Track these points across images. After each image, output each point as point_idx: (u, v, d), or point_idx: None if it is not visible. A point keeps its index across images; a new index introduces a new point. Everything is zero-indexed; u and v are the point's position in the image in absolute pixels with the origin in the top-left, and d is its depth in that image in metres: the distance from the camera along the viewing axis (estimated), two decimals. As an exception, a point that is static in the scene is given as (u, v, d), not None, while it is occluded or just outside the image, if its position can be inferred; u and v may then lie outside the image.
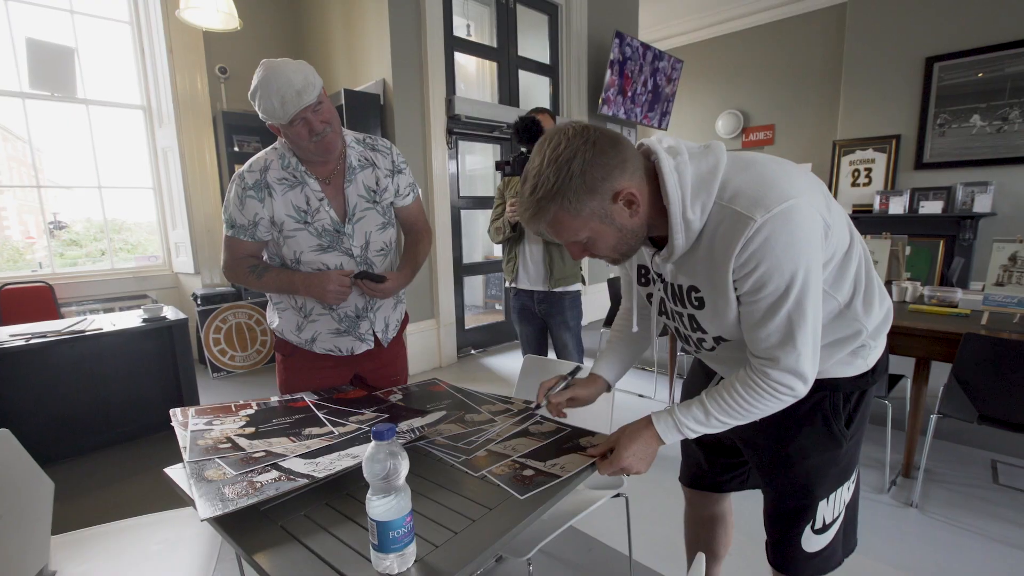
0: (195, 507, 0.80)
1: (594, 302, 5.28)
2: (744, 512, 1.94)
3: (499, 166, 2.17)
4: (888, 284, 2.82)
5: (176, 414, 1.20)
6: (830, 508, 0.97)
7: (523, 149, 2.19)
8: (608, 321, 3.50)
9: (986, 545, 1.81)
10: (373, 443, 0.68)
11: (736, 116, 6.68)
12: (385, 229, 1.45)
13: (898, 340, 2.20)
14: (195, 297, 3.85)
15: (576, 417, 1.32)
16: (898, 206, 5.36)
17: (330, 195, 1.37)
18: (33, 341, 2.29)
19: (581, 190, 0.77)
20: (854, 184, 5.82)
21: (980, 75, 4.95)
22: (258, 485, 0.84)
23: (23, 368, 2.33)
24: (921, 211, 5.26)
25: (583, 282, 2.40)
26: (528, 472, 0.95)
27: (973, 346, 1.92)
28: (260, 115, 1.26)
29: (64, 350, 2.40)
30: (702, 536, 1.32)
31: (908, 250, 5.76)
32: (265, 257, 1.45)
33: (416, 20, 3.62)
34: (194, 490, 0.83)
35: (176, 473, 0.95)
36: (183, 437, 1.05)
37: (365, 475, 0.67)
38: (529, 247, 2.31)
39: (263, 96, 1.21)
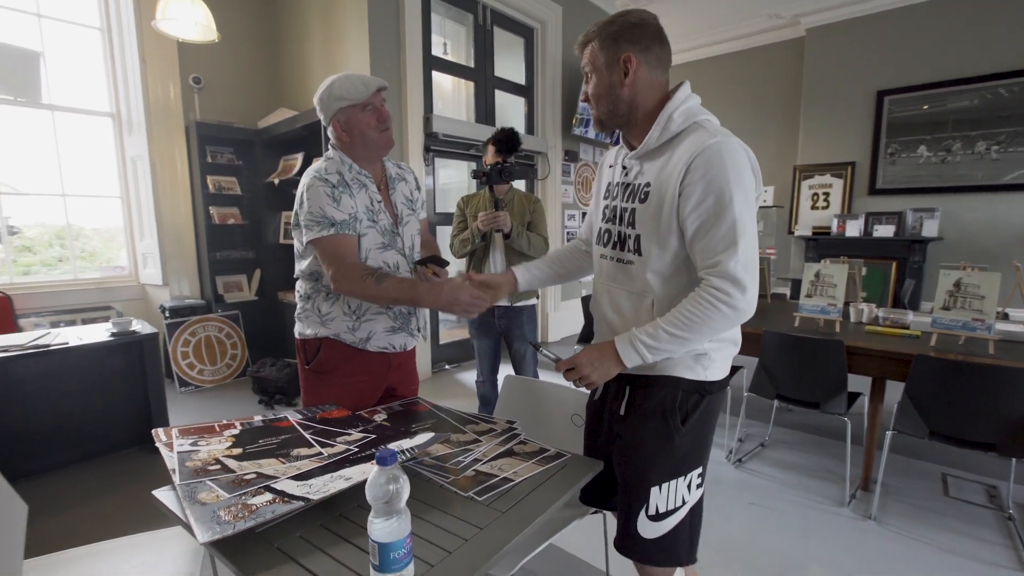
0: (190, 530, 0.81)
1: (567, 319, 5.37)
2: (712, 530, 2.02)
3: (476, 175, 2.27)
4: (846, 306, 2.99)
5: (159, 434, 1.18)
6: (663, 497, 1.08)
7: (500, 160, 2.30)
8: (583, 337, 3.57)
9: (939, 556, 1.92)
10: (376, 468, 0.71)
11: (704, 139, 6.97)
12: (418, 236, 1.60)
13: (856, 360, 2.33)
14: (163, 309, 3.74)
15: (553, 439, 1.36)
16: (854, 229, 5.67)
17: (382, 198, 1.50)
18: (-6, 356, 2.20)
19: (612, 36, 1.04)
20: (814, 207, 6.13)
21: (926, 108, 5.31)
22: (253, 508, 0.85)
23: (-20, 384, 2.23)
24: (875, 234, 5.57)
25: (537, 297, 2.57)
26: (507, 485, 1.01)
27: (924, 367, 2.06)
28: (335, 104, 1.37)
29: (28, 365, 2.31)
30: None
31: (864, 271, 6.08)
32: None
33: (396, 38, 3.68)
34: (189, 513, 0.84)
35: (165, 495, 0.95)
36: (170, 459, 1.04)
37: (368, 498, 0.70)
38: (493, 261, 2.42)
39: (344, 81, 1.37)
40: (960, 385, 1.98)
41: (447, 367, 4.42)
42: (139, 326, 2.69)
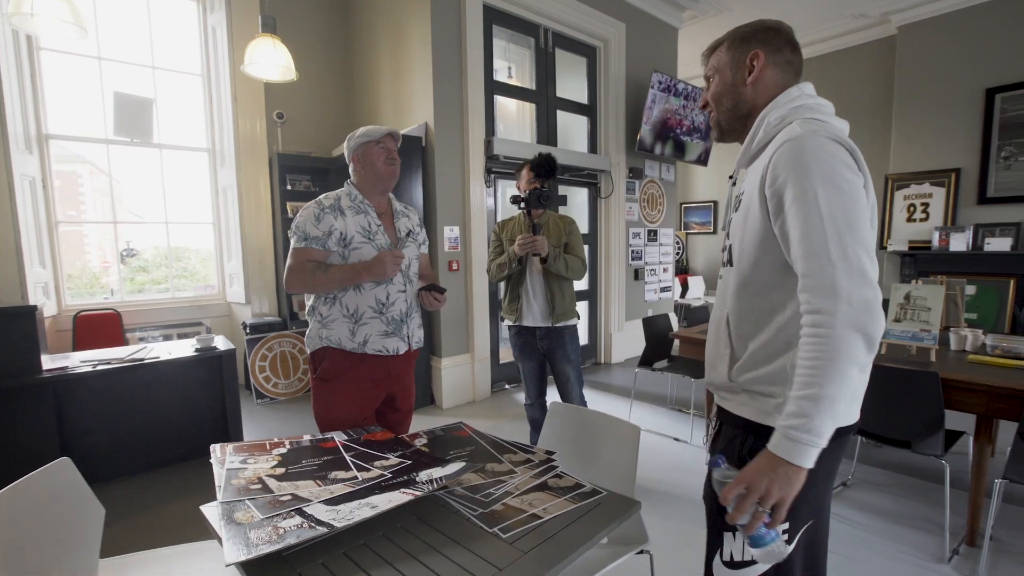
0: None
1: (631, 339, 5.21)
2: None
3: (515, 200, 2.27)
4: (946, 330, 2.65)
5: (216, 450, 1.27)
6: (738, 546, 0.95)
7: (537, 185, 2.28)
8: (644, 360, 3.43)
9: (1064, 630, 1.63)
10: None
11: (781, 150, 6.57)
12: (416, 261, 1.83)
13: (955, 394, 2.06)
14: (245, 326, 4.05)
15: (597, 470, 1.30)
16: (960, 243, 5.07)
17: (385, 225, 1.75)
18: (99, 368, 2.48)
19: (743, 37, 1.03)
20: (910, 219, 5.55)
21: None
22: (281, 531, 0.88)
23: (88, 392, 2.52)
24: (986, 248, 4.95)
25: (577, 316, 2.50)
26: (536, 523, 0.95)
27: (1040, 405, 1.77)
28: (356, 141, 1.72)
29: (125, 376, 2.58)
30: None
31: (973, 290, 5.36)
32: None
33: (458, 68, 3.80)
34: (223, 532, 0.88)
35: (210, 511, 1.00)
36: (219, 475, 1.11)
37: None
38: (531, 283, 2.39)
39: (369, 127, 1.72)
40: (1091, 429, 1.68)
41: (507, 387, 4.42)
42: (219, 343, 2.92)
